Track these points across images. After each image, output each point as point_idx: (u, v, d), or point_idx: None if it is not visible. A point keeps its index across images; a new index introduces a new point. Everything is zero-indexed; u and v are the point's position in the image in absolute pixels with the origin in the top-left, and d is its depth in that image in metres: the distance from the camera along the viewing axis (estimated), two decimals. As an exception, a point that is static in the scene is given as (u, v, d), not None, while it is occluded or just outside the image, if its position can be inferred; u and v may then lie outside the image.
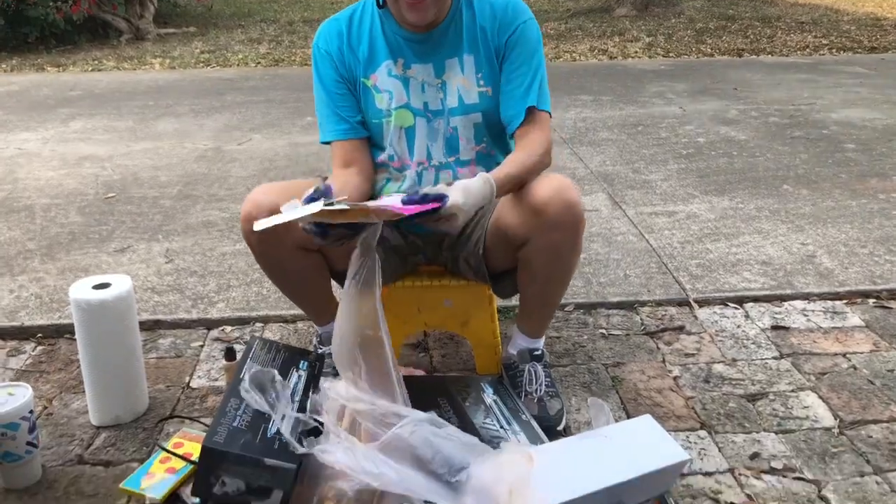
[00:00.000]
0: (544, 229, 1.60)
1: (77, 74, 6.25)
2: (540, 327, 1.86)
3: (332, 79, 1.75)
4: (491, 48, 1.72)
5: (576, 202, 1.60)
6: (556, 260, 1.67)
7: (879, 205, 3.13)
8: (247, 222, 1.64)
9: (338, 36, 1.75)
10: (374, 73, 1.74)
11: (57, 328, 2.22)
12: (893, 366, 2.00)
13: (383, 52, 1.73)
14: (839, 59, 6.56)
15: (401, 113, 1.73)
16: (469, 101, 1.73)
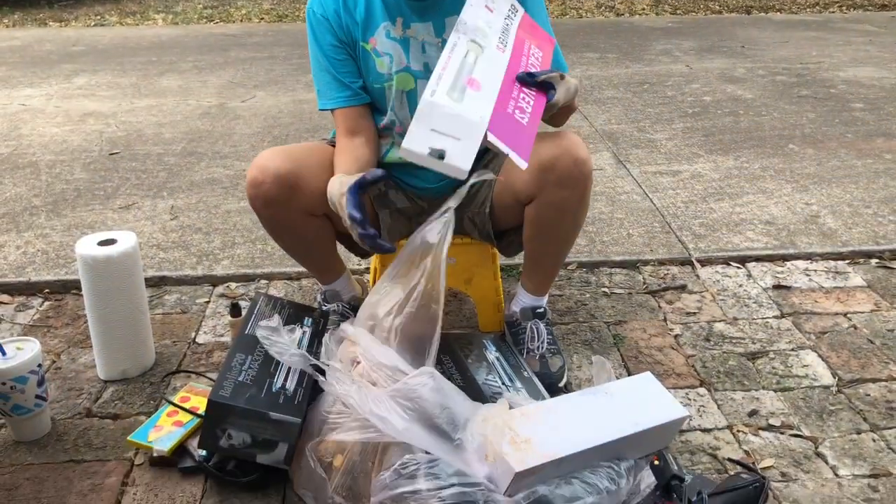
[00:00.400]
0: (553, 186, 1.60)
1: (80, 30, 6.20)
2: (544, 285, 1.87)
3: (330, 44, 1.69)
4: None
5: (585, 159, 1.60)
6: (563, 217, 1.67)
7: (885, 165, 3.11)
8: (253, 187, 1.65)
9: (336, 3, 1.68)
10: (372, 37, 1.68)
11: (64, 284, 2.24)
12: (893, 325, 2.01)
13: (381, 13, 1.68)
14: (849, 16, 6.47)
15: (402, 76, 1.69)
16: None
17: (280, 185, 1.63)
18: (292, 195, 1.65)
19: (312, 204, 1.67)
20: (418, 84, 1.70)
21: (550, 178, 1.60)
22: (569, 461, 1.32)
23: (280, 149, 1.71)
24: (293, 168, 1.64)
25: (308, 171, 1.66)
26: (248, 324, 1.62)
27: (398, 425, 1.28)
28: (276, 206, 1.66)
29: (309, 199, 1.66)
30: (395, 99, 1.71)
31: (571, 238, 1.76)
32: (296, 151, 1.71)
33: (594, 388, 1.51)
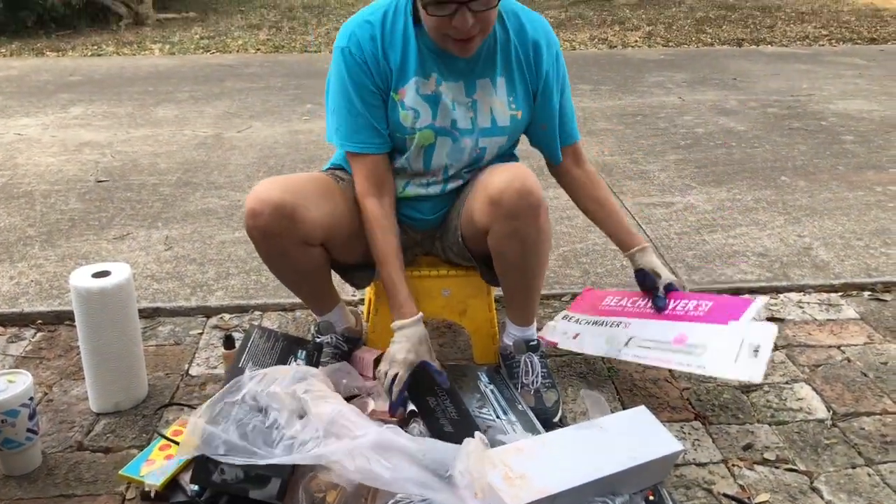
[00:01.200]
0: (503, 218, 1.63)
1: (76, 59, 6.24)
2: (525, 314, 1.87)
3: (368, 89, 1.67)
4: (525, 73, 1.74)
5: (530, 189, 1.61)
6: (521, 247, 1.68)
7: (876, 197, 3.14)
8: (251, 218, 1.65)
9: (371, 41, 1.65)
10: (402, 88, 1.68)
11: (57, 315, 2.24)
12: (887, 358, 2.01)
13: (413, 66, 1.67)
14: (838, 49, 6.56)
15: (425, 133, 1.70)
16: (501, 123, 1.74)
17: (279, 216, 1.63)
18: (290, 226, 1.65)
19: (310, 234, 1.68)
20: (437, 140, 1.72)
21: (499, 210, 1.62)
22: (563, 497, 1.31)
23: (278, 179, 1.71)
24: (292, 199, 1.65)
25: (306, 201, 1.67)
26: (241, 357, 1.62)
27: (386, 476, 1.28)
28: (274, 237, 1.67)
29: (307, 230, 1.67)
30: (412, 150, 1.73)
31: (538, 265, 1.76)
32: (294, 182, 1.72)
33: (589, 422, 1.51)
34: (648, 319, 1.84)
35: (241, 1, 9.78)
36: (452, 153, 1.74)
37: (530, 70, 1.74)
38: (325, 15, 8.61)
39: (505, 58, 1.72)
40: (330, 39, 7.10)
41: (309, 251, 1.72)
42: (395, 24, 1.67)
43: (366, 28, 1.66)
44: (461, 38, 1.57)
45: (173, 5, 9.15)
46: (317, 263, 1.77)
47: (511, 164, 1.71)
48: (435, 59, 1.67)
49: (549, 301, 2.34)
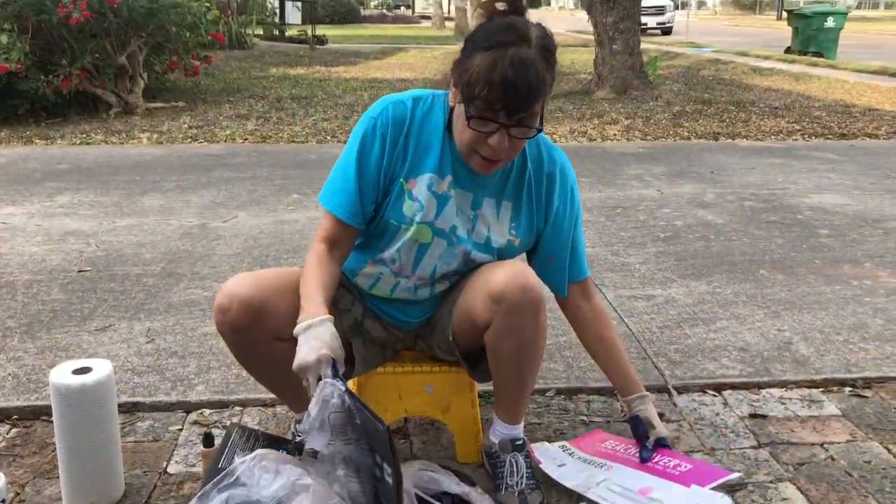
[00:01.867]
0: (504, 315, 1.64)
1: (65, 148, 6.31)
2: (516, 413, 1.87)
3: (375, 164, 1.68)
4: (533, 203, 1.78)
5: (532, 286, 1.63)
6: (520, 343, 1.69)
7: (853, 291, 3.19)
8: (219, 313, 1.65)
9: (401, 123, 1.68)
10: (414, 179, 1.70)
11: (33, 410, 2.20)
12: (870, 457, 2.01)
13: (433, 162, 1.69)
14: (811, 144, 6.76)
15: (422, 228, 1.71)
16: (496, 244, 1.77)
17: (247, 311, 1.63)
18: (259, 320, 1.65)
19: (280, 329, 1.66)
20: (434, 240, 1.73)
21: (501, 307, 1.64)
22: None
23: (248, 274, 1.72)
24: (260, 294, 1.65)
25: (277, 295, 1.67)
26: (221, 457, 1.59)
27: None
28: (243, 333, 1.67)
29: (277, 324, 1.66)
30: (405, 244, 1.73)
31: (535, 363, 1.77)
32: (264, 276, 1.72)
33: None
34: (628, 467, 1.87)
35: (230, 91, 9.99)
36: (444, 256, 1.75)
37: (539, 200, 1.78)
38: (313, 106, 8.80)
39: (517, 184, 1.76)
40: (317, 130, 7.25)
41: (280, 346, 1.67)
42: (427, 117, 1.70)
43: (400, 108, 1.69)
44: (490, 158, 1.60)
45: (163, 94, 9.33)
46: (289, 358, 1.76)
47: (511, 261, 1.73)
48: (455, 163, 1.70)
49: (532, 396, 2.32)
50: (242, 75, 11.88)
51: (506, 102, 1.51)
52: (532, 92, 1.51)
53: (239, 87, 10.49)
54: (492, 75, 1.49)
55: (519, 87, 1.49)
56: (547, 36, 1.56)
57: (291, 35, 19.60)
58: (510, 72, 1.48)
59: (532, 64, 1.50)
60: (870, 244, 3.85)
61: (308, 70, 13.01)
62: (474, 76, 1.51)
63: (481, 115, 1.54)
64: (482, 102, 1.52)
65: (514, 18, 1.56)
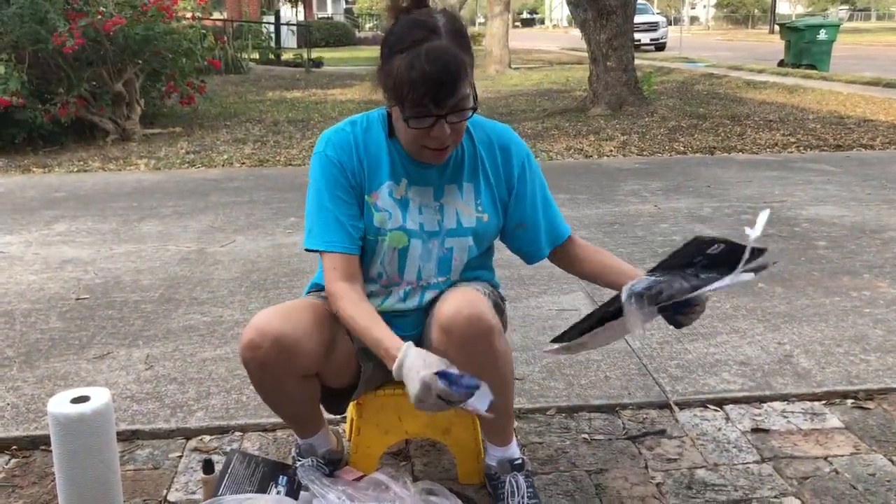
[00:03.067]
0: (455, 346, 1.64)
1: (62, 175, 6.32)
2: (503, 435, 1.86)
3: (343, 188, 1.72)
4: (491, 179, 1.80)
5: (479, 315, 1.62)
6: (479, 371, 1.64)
7: (852, 303, 3.19)
8: (250, 350, 1.64)
9: (348, 146, 1.74)
10: (375, 192, 1.74)
11: (32, 440, 2.19)
12: (874, 469, 2.00)
13: (386, 172, 1.74)
14: (807, 156, 6.78)
15: (396, 234, 1.74)
16: (466, 224, 1.79)
17: (278, 349, 1.63)
18: (289, 359, 1.65)
19: (309, 366, 1.70)
20: (410, 242, 1.75)
21: (451, 339, 1.64)
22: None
23: (277, 310, 1.70)
24: (292, 332, 1.65)
25: (305, 333, 1.67)
26: (221, 484, 1.58)
27: None
28: (272, 370, 1.67)
29: (306, 362, 1.68)
30: (385, 254, 1.76)
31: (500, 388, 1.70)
32: (293, 312, 1.71)
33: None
34: None
35: (227, 116, 10.03)
36: (423, 254, 1.77)
37: (497, 175, 1.81)
38: (310, 129, 8.83)
39: (472, 166, 1.79)
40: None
41: (304, 382, 1.73)
42: (368, 133, 1.76)
43: (342, 135, 1.75)
44: (437, 148, 1.64)
45: (159, 120, 9.36)
46: (310, 393, 1.78)
47: (462, 289, 1.72)
48: (406, 165, 1.74)
49: (533, 415, 2.32)
50: (239, 100, 11.93)
51: (432, 96, 1.54)
52: (453, 78, 1.54)
53: (235, 111, 10.53)
54: (412, 74, 1.53)
55: (440, 78, 1.53)
56: (454, 19, 1.61)
57: (287, 59, 19.71)
58: (428, 67, 1.52)
59: (446, 52, 1.54)
60: (868, 255, 3.85)
61: (304, 93, 13.07)
62: (398, 80, 1.55)
63: (415, 113, 1.58)
64: (411, 102, 1.56)
65: (418, 13, 1.60)
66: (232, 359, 2.70)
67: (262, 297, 3.34)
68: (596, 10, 9.79)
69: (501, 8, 17.01)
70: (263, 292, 3.41)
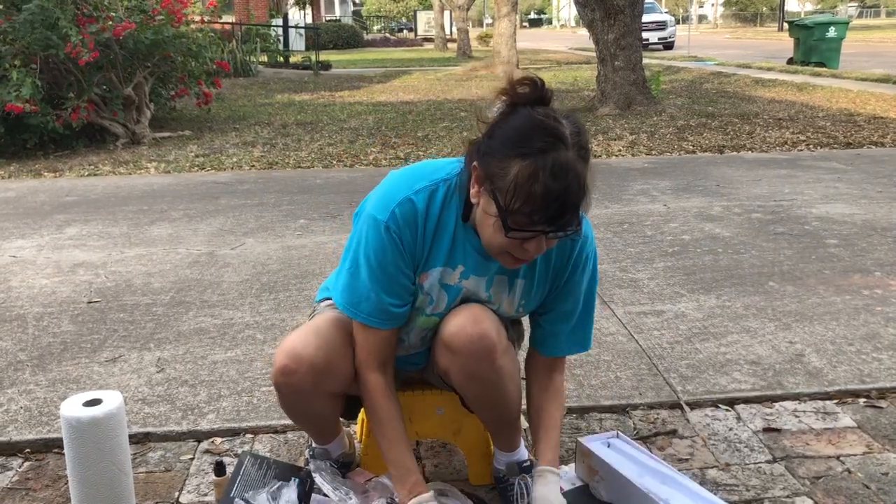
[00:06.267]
0: (459, 363, 1.63)
1: (73, 180, 6.36)
2: (510, 441, 1.85)
3: (396, 266, 1.58)
4: (548, 274, 1.67)
5: (482, 333, 1.57)
6: (482, 388, 1.67)
7: (863, 301, 3.17)
8: (284, 375, 1.63)
9: (414, 222, 1.56)
10: (424, 273, 1.63)
11: (46, 443, 2.20)
12: (888, 469, 1.99)
13: (443, 255, 1.61)
14: (816, 154, 6.75)
15: (432, 319, 1.69)
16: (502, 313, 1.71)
17: (314, 374, 1.63)
18: (324, 381, 1.66)
19: (341, 386, 1.70)
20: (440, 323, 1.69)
21: (455, 357, 1.62)
22: None
23: (309, 331, 1.66)
24: (326, 355, 1.64)
25: (338, 354, 1.66)
26: (233, 486, 1.59)
27: None
28: (305, 393, 1.67)
29: (337, 384, 1.69)
30: (415, 331, 1.71)
31: (505, 401, 1.72)
32: (325, 332, 1.66)
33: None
34: None
35: (236, 119, 10.06)
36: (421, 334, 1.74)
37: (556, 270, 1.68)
38: (318, 131, 8.85)
39: (532, 262, 1.64)
40: (323, 155, 7.28)
41: (333, 399, 1.75)
42: (443, 211, 1.58)
43: (410, 208, 1.56)
44: (523, 259, 1.51)
45: (169, 124, 9.40)
46: (336, 408, 1.79)
47: (470, 306, 1.64)
48: (467, 252, 1.61)
49: (544, 416, 2.32)
50: (248, 102, 11.97)
51: (549, 215, 1.39)
52: (575, 202, 1.40)
53: (244, 114, 10.56)
54: (533, 188, 1.37)
55: (563, 198, 1.38)
56: (580, 131, 1.43)
57: (295, 61, 19.76)
58: (553, 184, 1.36)
59: (573, 169, 1.38)
60: (879, 253, 3.83)
61: (313, 96, 13.10)
62: (512, 188, 1.39)
63: (520, 226, 1.42)
64: (524, 217, 1.40)
65: (544, 114, 1.42)
66: (243, 361, 2.72)
67: (272, 300, 3.36)
68: (604, 10, 9.78)
69: (509, 8, 17.00)
70: (274, 294, 3.42)
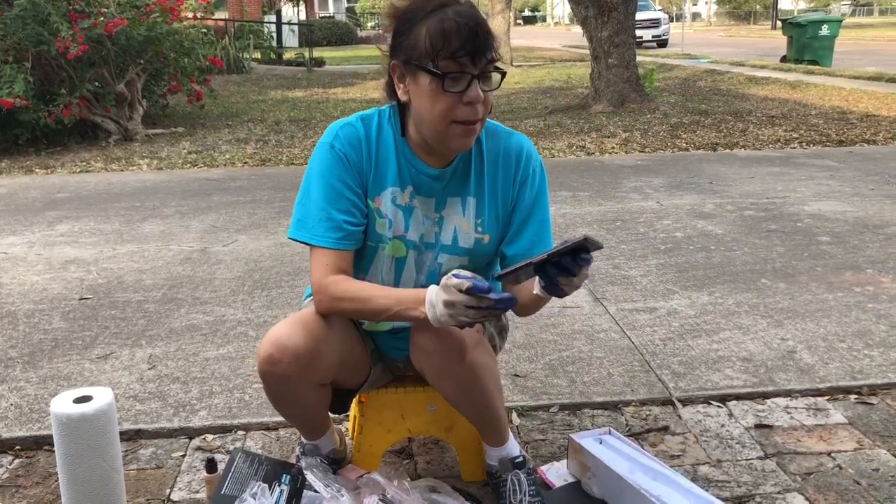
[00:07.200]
0: (429, 362, 1.64)
1: (65, 176, 6.33)
2: (497, 435, 1.83)
3: (343, 181, 1.61)
4: (498, 195, 1.71)
5: (447, 331, 1.56)
6: (456, 385, 1.67)
7: (855, 298, 3.18)
8: (269, 364, 1.60)
9: (357, 142, 1.63)
10: (378, 197, 1.65)
11: (36, 440, 2.19)
12: (878, 465, 2.00)
13: (392, 177, 1.65)
14: (809, 152, 6.77)
15: (396, 243, 1.68)
16: (463, 243, 1.70)
17: (299, 364, 1.60)
18: (309, 371, 1.64)
19: (327, 376, 1.69)
20: (409, 253, 1.69)
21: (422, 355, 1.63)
22: None
23: (295, 322, 1.63)
24: (312, 345, 1.61)
25: (324, 343, 1.63)
26: (224, 482, 1.58)
27: None
28: (291, 383, 1.65)
29: (324, 373, 1.68)
30: (384, 263, 1.70)
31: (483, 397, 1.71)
32: (310, 322, 1.63)
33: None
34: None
35: (229, 115, 10.04)
36: (417, 265, 1.71)
37: (505, 188, 1.70)
38: (311, 128, 8.83)
39: (478, 178, 1.69)
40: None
41: (319, 390, 1.72)
42: (380, 133, 1.65)
43: (351, 129, 1.65)
44: (469, 120, 1.53)
45: (162, 121, 9.37)
46: (323, 400, 1.78)
47: None
48: (412, 173, 1.65)
49: (536, 412, 2.32)
50: (241, 99, 11.94)
51: (468, 46, 1.48)
52: (486, 30, 1.51)
53: (238, 111, 10.53)
54: (445, 26, 1.48)
55: (475, 27, 1.49)
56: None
57: (289, 58, 19.72)
58: (461, 18, 1.49)
59: (473, 9, 1.51)
60: (871, 250, 3.84)
61: (306, 92, 13.08)
62: (428, 41, 1.49)
63: (450, 69, 1.49)
64: (448, 60, 1.48)
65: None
66: (234, 358, 2.71)
67: (264, 297, 3.35)
68: (597, 8, 9.78)
69: (503, 5, 17.00)
70: (266, 291, 3.41)
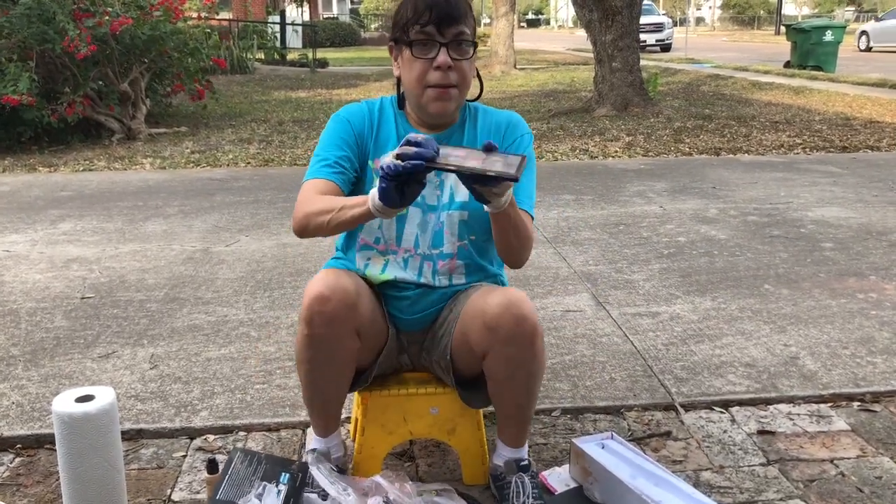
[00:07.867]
0: (500, 344, 1.66)
1: (68, 175, 6.33)
2: (519, 437, 1.87)
3: (342, 138, 1.80)
4: None
5: (526, 315, 1.64)
6: (518, 371, 1.71)
7: (858, 304, 3.17)
8: (319, 303, 1.63)
9: (360, 113, 1.84)
10: (378, 159, 1.80)
11: (37, 438, 2.19)
12: (881, 472, 1.99)
13: (393, 142, 1.80)
14: (812, 158, 6.76)
15: None
16: (459, 198, 1.80)
17: (346, 303, 1.65)
18: (353, 314, 1.68)
19: (363, 324, 1.72)
20: (410, 210, 1.78)
21: (497, 337, 1.65)
22: None
23: (334, 270, 1.73)
24: (355, 287, 1.69)
25: (363, 288, 1.74)
26: (223, 483, 1.58)
27: None
28: (337, 325, 1.66)
29: (362, 319, 1.71)
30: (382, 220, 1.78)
31: (533, 390, 1.78)
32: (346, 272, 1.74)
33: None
34: None
35: (232, 115, 10.04)
36: (421, 224, 1.80)
37: None
38: (314, 128, 8.83)
39: (471, 143, 1.82)
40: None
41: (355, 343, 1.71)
42: (382, 111, 1.86)
43: (357, 107, 1.86)
44: (441, 84, 1.68)
45: (165, 120, 9.37)
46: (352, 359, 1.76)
47: (506, 288, 1.74)
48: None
49: (538, 416, 2.32)
50: (244, 99, 11.94)
51: (433, 17, 1.64)
52: (454, 4, 1.65)
53: (241, 111, 10.54)
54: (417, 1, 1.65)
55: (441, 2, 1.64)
56: None
57: (292, 59, 19.73)
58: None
59: None
60: (874, 256, 3.83)
61: (309, 93, 13.08)
62: (401, 12, 1.68)
63: (418, 38, 1.66)
64: (414, 27, 1.66)
65: None
66: (236, 358, 2.71)
67: (266, 297, 3.34)
68: (601, 11, 9.78)
69: (507, 8, 17.00)
70: (268, 292, 3.41)
